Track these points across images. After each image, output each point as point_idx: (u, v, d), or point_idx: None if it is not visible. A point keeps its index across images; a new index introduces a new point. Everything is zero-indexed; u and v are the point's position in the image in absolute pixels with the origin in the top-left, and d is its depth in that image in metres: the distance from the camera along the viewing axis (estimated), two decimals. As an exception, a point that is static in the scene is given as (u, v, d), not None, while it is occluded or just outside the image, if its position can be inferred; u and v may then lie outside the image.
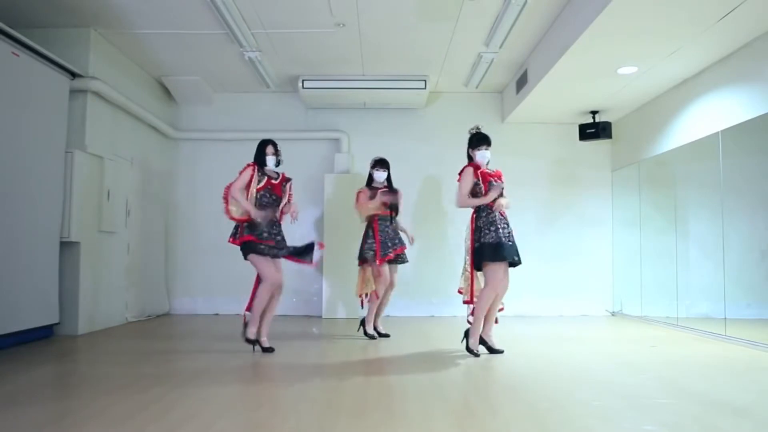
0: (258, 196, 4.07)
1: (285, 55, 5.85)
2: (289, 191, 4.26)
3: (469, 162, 4.17)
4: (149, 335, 5.14)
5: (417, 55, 5.87)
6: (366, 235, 4.92)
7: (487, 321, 4.07)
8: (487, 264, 3.92)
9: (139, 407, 2.62)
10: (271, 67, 6.19)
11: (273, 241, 4.07)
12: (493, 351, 4.06)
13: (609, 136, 6.44)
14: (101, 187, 5.34)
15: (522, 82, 6.08)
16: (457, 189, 4.13)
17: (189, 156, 7.01)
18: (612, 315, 6.80)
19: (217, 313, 6.74)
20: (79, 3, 4.68)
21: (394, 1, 4.68)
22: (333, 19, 4.99)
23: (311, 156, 6.94)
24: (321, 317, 6.46)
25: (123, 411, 2.57)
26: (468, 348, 4.02)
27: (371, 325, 4.91)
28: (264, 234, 4.02)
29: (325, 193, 6.63)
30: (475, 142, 4.12)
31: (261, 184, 4.09)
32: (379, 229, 4.86)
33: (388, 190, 4.98)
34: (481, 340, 4.07)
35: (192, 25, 5.10)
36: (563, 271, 6.77)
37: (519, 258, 3.96)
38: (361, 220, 5.01)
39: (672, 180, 5.85)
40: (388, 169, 5.05)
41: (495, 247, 3.87)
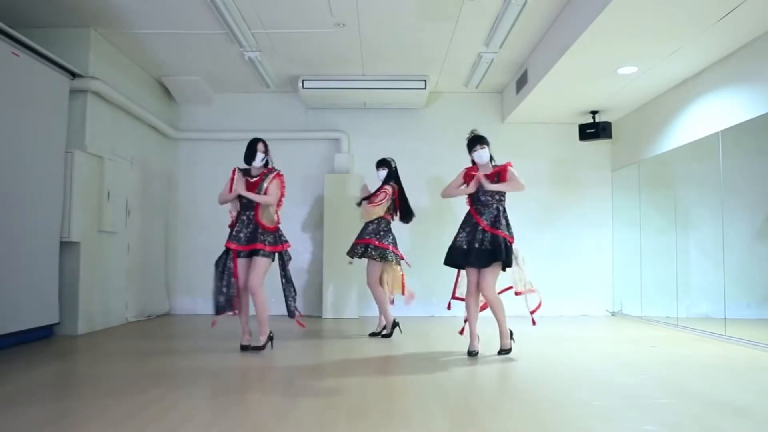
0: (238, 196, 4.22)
1: (285, 55, 5.85)
2: (267, 184, 4.18)
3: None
4: (149, 335, 5.14)
5: (417, 55, 5.87)
6: (388, 233, 4.94)
7: (472, 321, 4.13)
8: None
9: (139, 407, 2.62)
10: (271, 67, 6.19)
11: (246, 246, 4.16)
12: (471, 353, 4.02)
13: (609, 136, 6.44)
14: (101, 187, 5.33)
15: (522, 82, 6.08)
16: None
17: (189, 156, 7.00)
18: (612, 315, 6.80)
19: (217, 313, 6.73)
20: (79, 3, 4.68)
21: (394, 1, 4.68)
22: (333, 19, 4.99)
23: (311, 156, 6.95)
24: (321, 317, 6.46)
25: (123, 411, 2.57)
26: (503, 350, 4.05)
27: (391, 317, 4.96)
28: (240, 236, 4.17)
29: (325, 193, 6.63)
30: (470, 145, 4.22)
31: (239, 184, 4.19)
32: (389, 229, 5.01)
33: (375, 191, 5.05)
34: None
35: (192, 25, 5.10)
36: (563, 271, 6.77)
37: (480, 263, 3.92)
38: (366, 219, 5.00)
39: (672, 180, 5.85)
40: (387, 168, 5.07)
41: (448, 250, 4.11)
